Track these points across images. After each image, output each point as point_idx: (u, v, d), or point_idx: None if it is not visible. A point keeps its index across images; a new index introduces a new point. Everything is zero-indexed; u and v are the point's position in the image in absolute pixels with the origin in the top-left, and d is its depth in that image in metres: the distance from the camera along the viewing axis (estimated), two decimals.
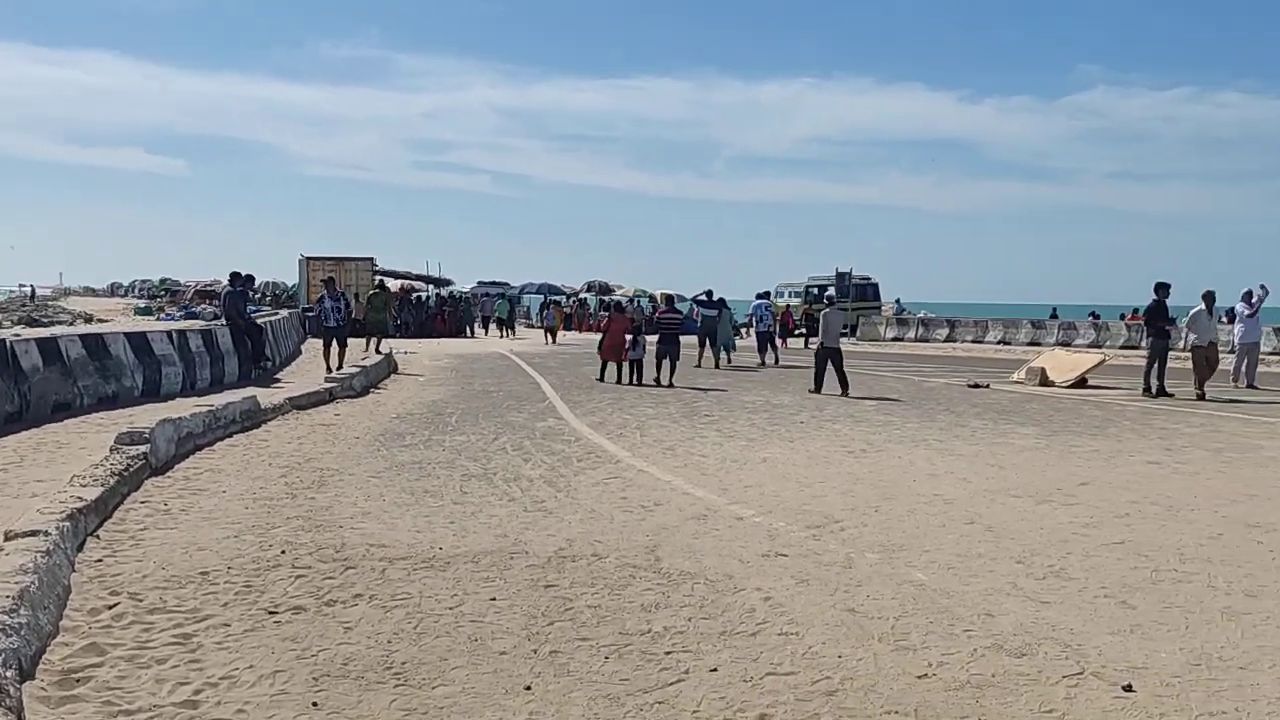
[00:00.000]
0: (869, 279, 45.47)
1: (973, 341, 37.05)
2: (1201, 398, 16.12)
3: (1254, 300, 18.66)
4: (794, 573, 5.86)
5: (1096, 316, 38.16)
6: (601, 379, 18.79)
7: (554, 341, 34.84)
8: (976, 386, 18.55)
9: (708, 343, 23.46)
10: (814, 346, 20.86)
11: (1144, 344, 19.69)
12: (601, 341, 19.55)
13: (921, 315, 42.73)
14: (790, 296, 45.01)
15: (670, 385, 18.02)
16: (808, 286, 44.42)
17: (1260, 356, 19.87)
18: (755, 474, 9.16)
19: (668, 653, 4.58)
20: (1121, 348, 31.62)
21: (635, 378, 18.63)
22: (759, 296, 27.06)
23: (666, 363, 18.76)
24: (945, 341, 36.83)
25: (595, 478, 8.88)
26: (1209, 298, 17.39)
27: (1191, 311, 17.53)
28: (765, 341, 25.46)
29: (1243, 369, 18.55)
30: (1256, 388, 17.95)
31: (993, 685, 4.20)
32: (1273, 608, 5.22)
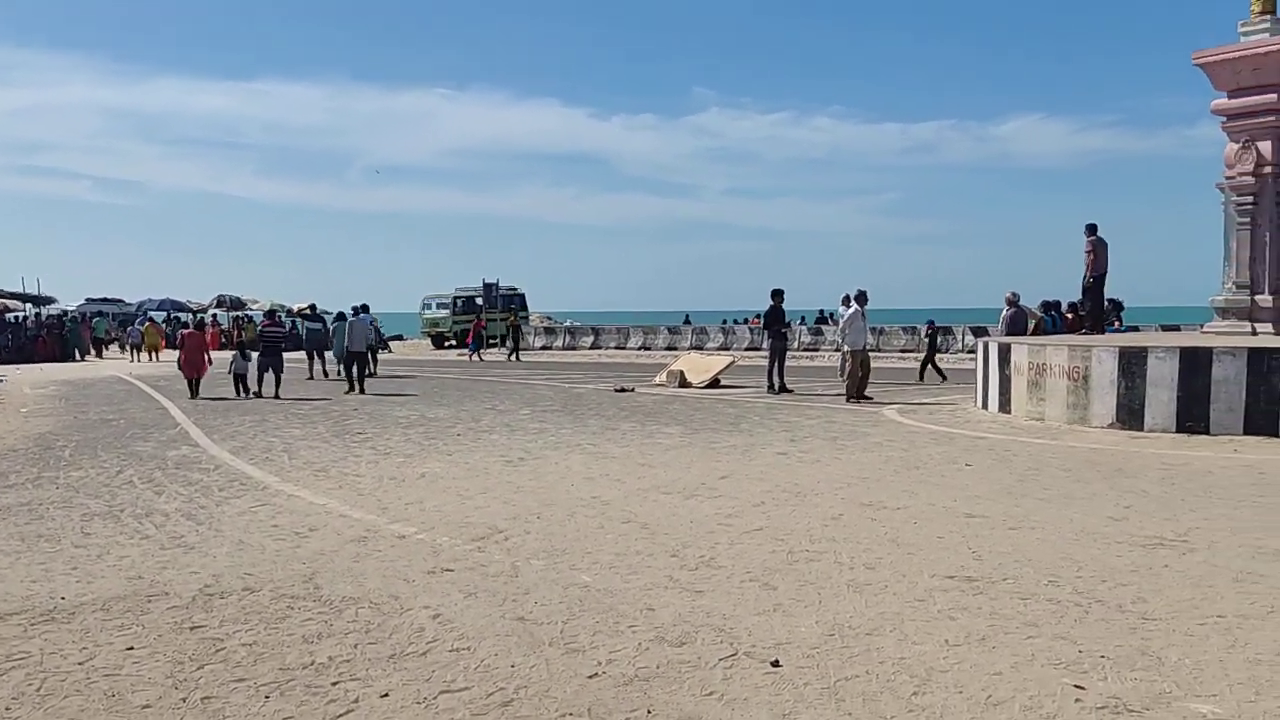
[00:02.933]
0: (516, 289, 46.15)
1: (616, 348, 38.73)
2: (859, 400, 16.59)
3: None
4: (461, 587, 5.80)
5: (725, 322, 41.26)
6: (193, 395, 18.70)
7: (156, 359, 33.41)
8: (623, 391, 19.41)
9: (314, 355, 24.51)
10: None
11: (764, 345, 21.40)
12: (179, 359, 19.64)
13: (568, 324, 44.01)
14: (437, 308, 44.69)
15: (276, 397, 18.24)
16: (455, 297, 44.32)
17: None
18: (415, 490, 8.98)
19: (335, 683, 4.36)
20: (746, 349, 34.44)
21: (240, 391, 18.82)
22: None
23: (270, 375, 19.01)
24: (591, 349, 38.21)
25: (241, 506, 8.30)
26: (861, 298, 17.57)
27: (847, 314, 17.92)
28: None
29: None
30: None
31: (658, 676, 4.39)
32: (888, 578, 5.88)
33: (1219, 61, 14.56)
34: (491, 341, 41.68)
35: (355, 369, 19.78)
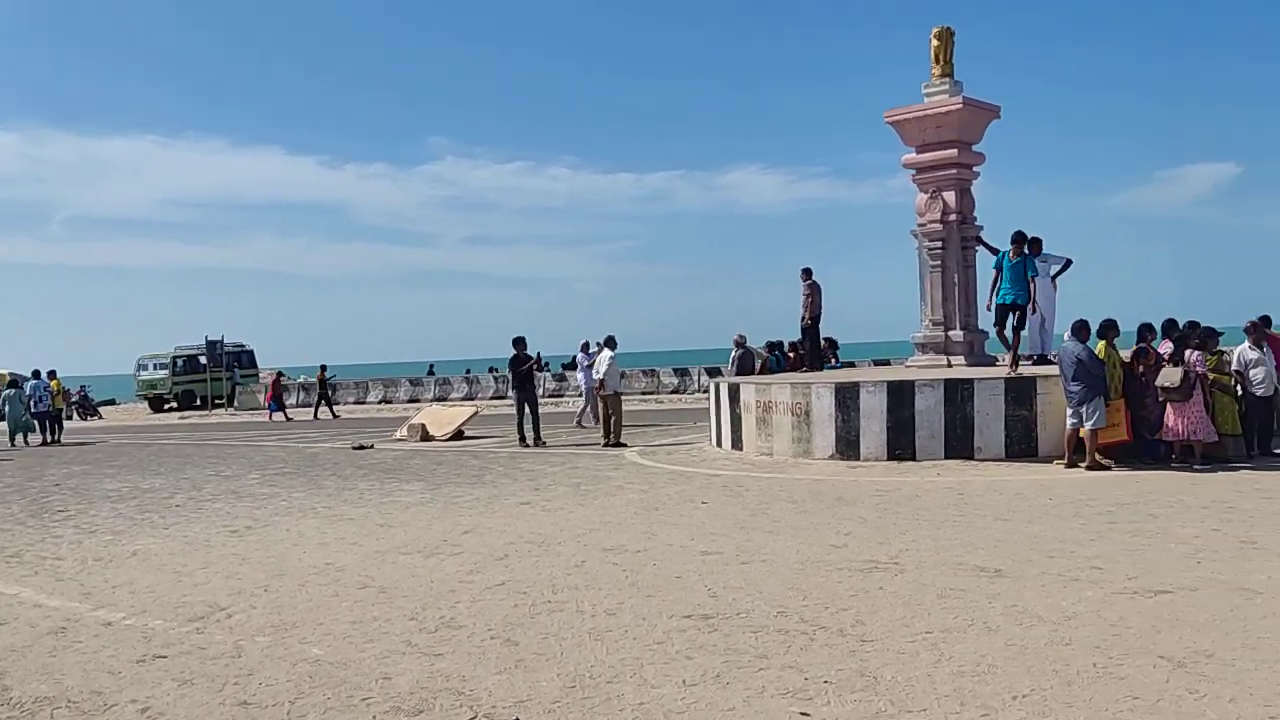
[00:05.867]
0: (243, 346, 43.77)
1: (355, 403, 37.45)
2: (615, 445, 16.75)
3: (591, 351, 21.37)
4: (175, 674, 5.33)
5: (469, 372, 40.89)
6: None
7: None
8: (362, 448, 18.74)
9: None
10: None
11: (510, 394, 21.17)
12: None
13: (301, 380, 42.12)
14: (155, 369, 41.63)
15: None
16: (174, 357, 41.47)
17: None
18: (124, 571, 8.22)
19: None
20: (491, 398, 34.24)
21: None
22: (34, 375, 26.55)
23: None
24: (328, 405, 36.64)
25: None
26: (611, 343, 17.90)
27: (598, 358, 18.11)
28: (45, 420, 25.00)
29: (586, 411, 21.11)
30: (585, 426, 20.45)
31: None
32: (629, 622, 5.95)
33: (906, 120, 16.07)
34: (219, 401, 39.15)
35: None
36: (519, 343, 18.14)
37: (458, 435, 19.98)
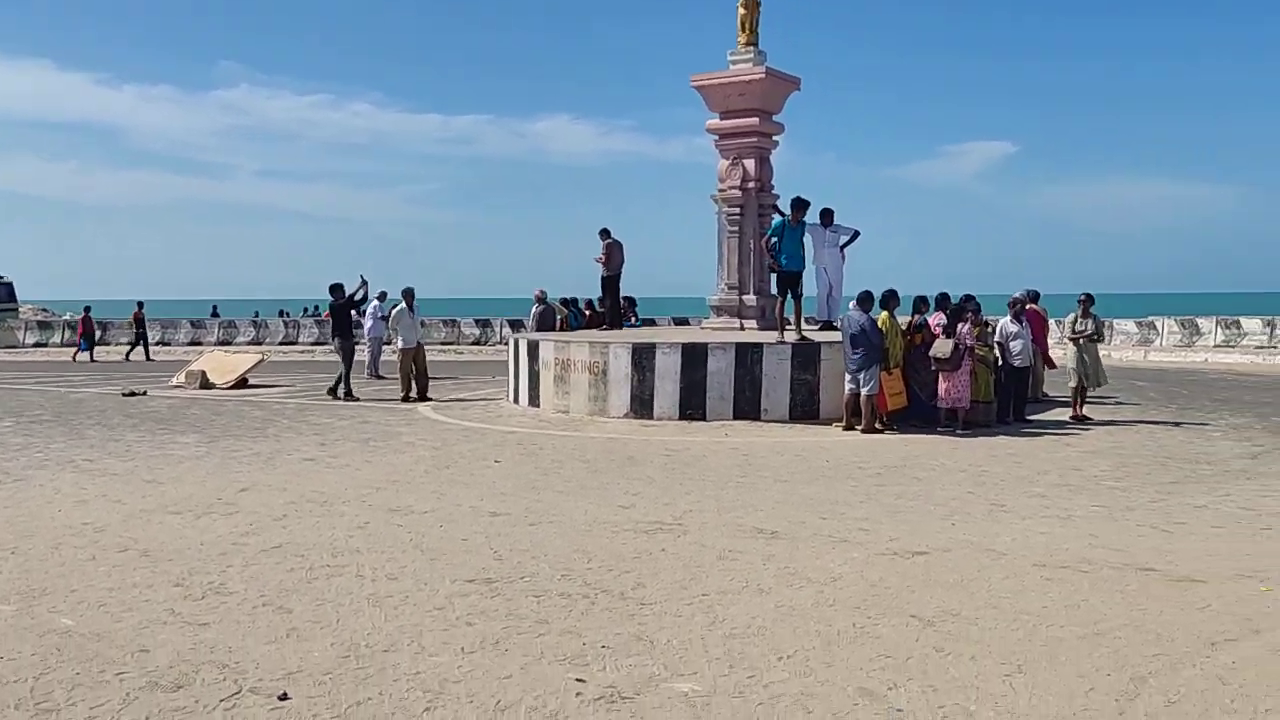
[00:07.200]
0: (3, 278, 40.12)
1: (127, 344, 35.04)
2: (418, 399, 16.19)
3: (387, 302, 20.67)
4: None
5: (258, 315, 38.99)
6: None
7: None
8: (133, 395, 17.56)
9: None
10: None
11: (334, 344, 18.19)
12: None
13: (68, 317, 39.03)
14: None
15: None
16: None
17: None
18: None
19: None
20: (281, 344, 32.80)
21: None
22: None
23: None
24: (99, 344, 34.15)
25: None
26: (409, 295, 17.18)
27: (394, 311, 17.45)
28: None
29: (369, 361, 20.50)
30: (382, 377, 19.90)
31: None
32: (410, 588, 5.85)
33: (712, 85, 16.31)
34: None
35: None
36: (335, 289, 17.15)
37: (241, 383, 19.03)
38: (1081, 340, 13.51)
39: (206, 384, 18.91)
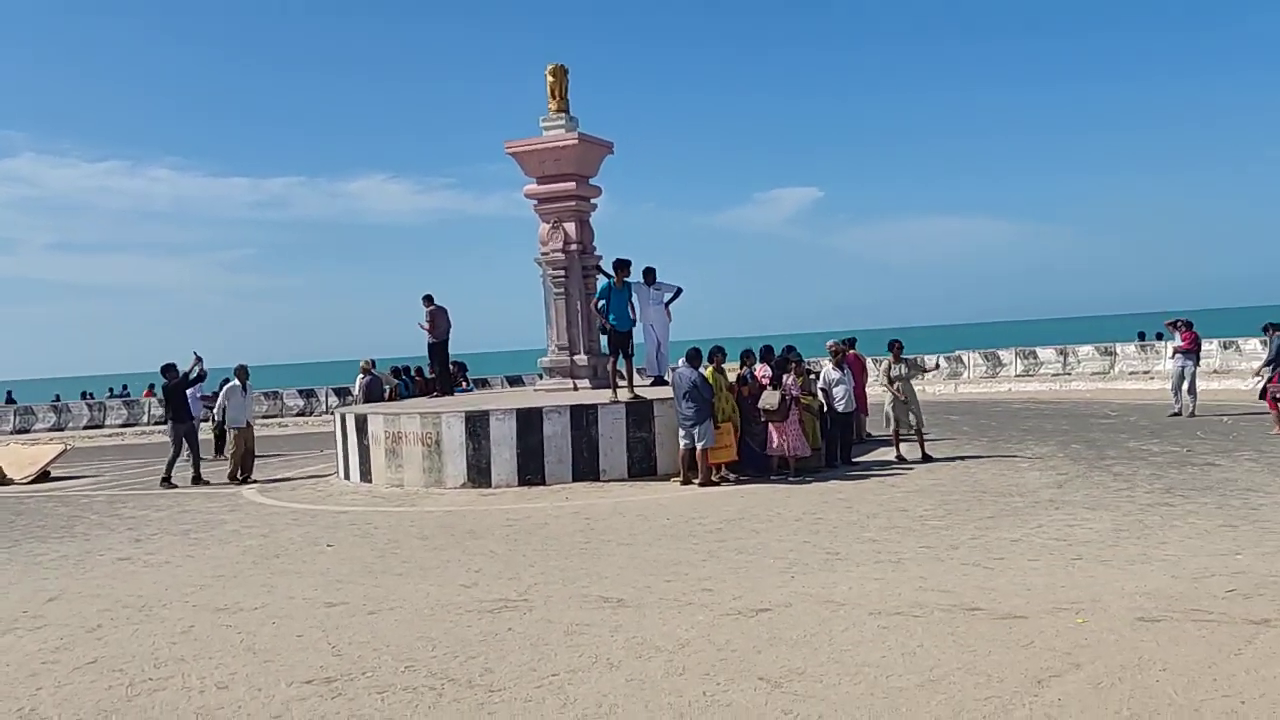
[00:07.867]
0: None
1: None
2: (242, 480, 15.61)
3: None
4: None
5: (58, 398, 36.49)
6: None
7: None
8: None
9: None
10: None
11: (168, 428, 16.98)
12: None
13: None
14: None
15: None
16: None
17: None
18: None
19: None
20: (86, 428, 30.76)
21: None
22: None
23: None
24: None
25: None
26: (242, 372, 16.63)
27: (225, 388, 16.78)
28: None
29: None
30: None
31: None
32: (243, 696, 5.53)
33: (526, 152, 16.43)
34: None
35: None
36: (169, 369, 16.18)
37: (43, 477, 17.72)
38: (897, 385, 14.18)
39: (3, 480, 17.49)
